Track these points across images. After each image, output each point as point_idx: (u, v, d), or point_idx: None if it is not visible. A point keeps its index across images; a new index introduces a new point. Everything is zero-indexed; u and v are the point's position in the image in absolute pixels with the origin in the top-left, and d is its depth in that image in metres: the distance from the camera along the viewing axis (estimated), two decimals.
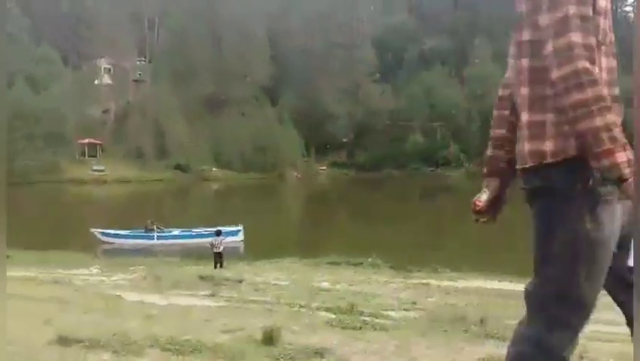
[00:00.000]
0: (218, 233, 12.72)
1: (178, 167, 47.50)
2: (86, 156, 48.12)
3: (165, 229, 18.16)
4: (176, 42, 56.25)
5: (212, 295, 7.96)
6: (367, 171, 51.50)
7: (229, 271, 11.16)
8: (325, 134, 53.80)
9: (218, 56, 56.41)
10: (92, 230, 17.71)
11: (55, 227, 18.16)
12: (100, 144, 49.16)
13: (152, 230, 17.81)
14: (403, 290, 8.97)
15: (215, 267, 11.96)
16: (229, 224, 17.54)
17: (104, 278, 10.06)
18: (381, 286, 9.43)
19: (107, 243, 17.54)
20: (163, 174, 46.20)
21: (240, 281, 9.31)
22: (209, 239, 17.68)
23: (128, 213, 26.40)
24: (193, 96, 52.82)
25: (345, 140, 57.80)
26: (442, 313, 5.87)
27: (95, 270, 11.37)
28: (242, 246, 17.15)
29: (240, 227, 17.75)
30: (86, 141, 47.78)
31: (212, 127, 51.44)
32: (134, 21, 61.14)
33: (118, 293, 7.52)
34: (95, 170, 46.09)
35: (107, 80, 57.46)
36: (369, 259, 11.70)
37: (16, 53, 49.35)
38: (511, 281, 10.52)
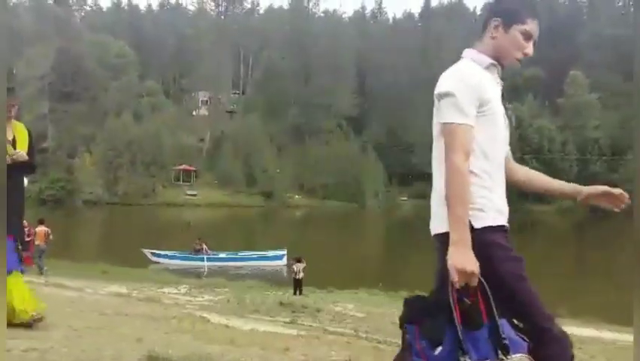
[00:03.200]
0: (299, 260, 12.81)
1: (264, 194, 49.15)
2: (181, 182, 51.16)
3: (211, 252, 18.55)
4: (268, 76, 59.07)
5: (292, 322, 8.04)
6: None
7: (308, 298, 11.24)
8: (408, 164, 53.24)
9: (305, 88, 58.42)
10: (143, 250, 18.31)
11: (147, 246, 19.26)
12: (194, 171, 52.09)
13: (199, 251, 18.27)
14: None
15: (295, 293, 12.10)
16: (296, 252, 17.99)
17: (191, 298, 10.48)
18: None
19: (157, 262, 18.05)
20: (250, 200, 48.01)
21: (319, 310, 9.34)
22: (254, 262, 18.10)
23: (217, 234, 27.57)
24: (281, 127, 55.00)
25: (429, 171, 56.78)
26: None
27: (183, 289, 11.88)
28: (285, 270, 17.26)
29: (284, 251, 18.04)
30: (181, 167, 50.87)
31: (298, 156, 52.92)
32: (231, 56, 65.19)
33: (205, 315, 7.80)
34: (188, 194, 48.77)
35: (203, 111, 61.31)
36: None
37: (123, 87, 54.34)
38: (610, 330, 9.69)
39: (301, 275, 12.47)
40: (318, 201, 49.67)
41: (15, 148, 3.65)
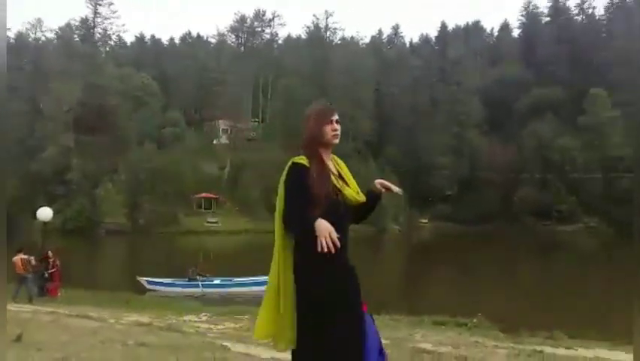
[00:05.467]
0: None
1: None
2: (202, 209, 51.63)
3: (207, 277, 18.55)
4: (287, 103, 59.88)
5: None
6: (473, 225, 49.44)
7: None
8: (428, 187, 53.01)
9: None
10: (138, 278, 18.39)
11: (167, 274, 19.42)
12: (215, 198, 52.57)
13: (195, 279, 18.24)
14: (514, 357, 8.33)
15: None
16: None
17: (211, 326, 10.47)
18: (488, 351, 8.82)
19: (152, 290, 18.00)
20: (271, 226, 47.80)
21: None
22: (250, 288, 17.72)
23: (234, 261, 27.62)
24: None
25: (449, 193, 56.35)
26: None
27: (204, 317, 11.88)
28: None
29: None
30: (203, 195, 51.41)
31: None
32: (250, 86, 66.47)
33: (225, 343, 7.80)
34: (209, 222, 49.14)
35: (224, 139, 62.26)
36: (474, 320, 11.03)
37: (146, 117, 55.64)
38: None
39: None
40: None
41: None
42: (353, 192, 2.42)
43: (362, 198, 2.43)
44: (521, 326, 10.93)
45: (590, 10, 75.81)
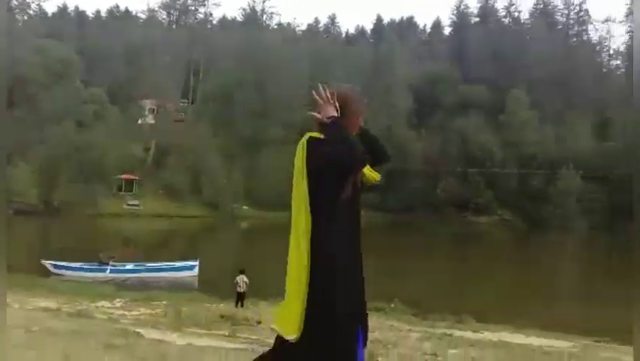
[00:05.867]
0: (242, 271, 12.55)
1: (211, 204, 48.26)
2: (123, 191, 49.53)
3: (118, 263, 18.09)
4: (218, 86, 58.42)
5: (231, 335, 7.92)
6: (398, 215, 51.03)
7: (250, 310, 11.11)
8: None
9: (257, 99, 58.25)
10: (43, 262, 17.67)
11: (80, 258, 18.49)
12: (137, 180, 50.59)
13: (106, 263, 17.75)
14: (426, 340, 8.69)
15: (237, 306, 11.92)
16: (188, 259, 17.88)
17: (125, 313, 10.13)
18: (402, 334, 9.16)
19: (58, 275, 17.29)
20: (196, 211, 47.03)
21: (260, 322, 9.25)
22: (163, 273, 17.75)
23: (151, 246, 26.79)
24: (231, 137, 54.38)
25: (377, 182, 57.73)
26: None
27: (118, 303, 11.48)
28: (196, 281, 17.08)
29: (196, 262, 17.81)
30: (123, 176, 49.30)
31: (247, 167, 52.41)
32: (181, 66, 64.20)
33: (139, 330, 7.56)
34: (130, 204, 47.28)
35: (150, 119, 59.86)
36: (392, 305, 11.41)
37: (66, 93, 52.30)
38: (538, 336, 10.09)
39: (244, 288, 12.27)
40: (266, 213, 49.28)
41: None
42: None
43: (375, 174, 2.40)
44: (434, 310, 11.43)
45: (516, 14, 79.92)
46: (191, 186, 49.05)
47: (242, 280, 12.28)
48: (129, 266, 18.00)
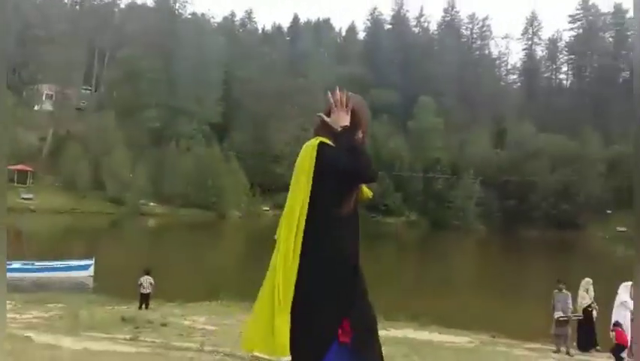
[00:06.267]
0: (148, 272, 11.87)
1: (115, 200, 45.62)
2: (15, 183, 45.42)
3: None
4: (125, 74, 55.29)
5: (133, 339, 7.46)
6: None
7: (155, 312, 10.58)
8: (272, 175, 53.63)
9: (166, 90, 56.02)
10: None
11: None
12: (31, 171, 46.66)
13: None
14: None
15: (140, 308, 11.30)
16: (82, 258, 17.06)
17: (16, 316, 9.25)
18: None
19: None
20: (98, 206, 44.23)
21: (165, 325, 8.81)
22: (55, 273, 16.47)
23: (46, 244, 24.87)
24: (137, 129, 51.65)
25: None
26: None
27: (8, 306, 10.45)
28: (91, 281, 16.30)
29: (91, 261, 16.88)
30: (16, 167, 45.23)
31: (155, 161, 50.11)
32: (84, 50, 60.04)
33: (29, 334, 6.92)
34: (24, 198, 43.50)
35: (47, 106, 55.43)
36: None
37: None
38: (440, 333, 10.56)
39: (149, 289, 11.62)
40: (174, 209, 47.52)
41: None
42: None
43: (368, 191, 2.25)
44: None
45: (426, 24, 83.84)
46: (93, 180, 45.98)
47: (147, 280, 11.63)
48: (15, 265, 15.86)
